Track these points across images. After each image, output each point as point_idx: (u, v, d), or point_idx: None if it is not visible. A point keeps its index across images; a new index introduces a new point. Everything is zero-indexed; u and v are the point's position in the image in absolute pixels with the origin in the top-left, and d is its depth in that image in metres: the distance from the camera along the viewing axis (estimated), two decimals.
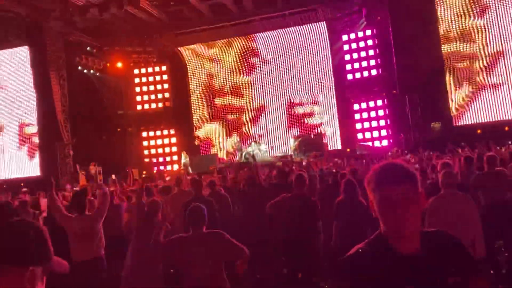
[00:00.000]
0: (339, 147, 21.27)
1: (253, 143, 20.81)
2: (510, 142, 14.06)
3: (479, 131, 17.32)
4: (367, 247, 1.67)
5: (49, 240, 1.39)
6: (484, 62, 18.32)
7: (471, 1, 18.49)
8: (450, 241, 1.71)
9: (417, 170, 5.60)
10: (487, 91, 18.32)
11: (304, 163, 12.11)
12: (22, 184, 17.59)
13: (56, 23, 19.14)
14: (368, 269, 1.59)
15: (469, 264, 1.69)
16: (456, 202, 4.44)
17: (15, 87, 21.48)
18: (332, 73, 21.92)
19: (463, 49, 18.57)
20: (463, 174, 6.26)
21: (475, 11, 18.42)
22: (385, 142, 20.46)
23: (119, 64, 22.98)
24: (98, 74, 22.47)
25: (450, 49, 18.68)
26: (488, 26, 18.30)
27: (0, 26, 19.78)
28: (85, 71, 21.72)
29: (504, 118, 18.06)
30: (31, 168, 20.77)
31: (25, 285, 1.28)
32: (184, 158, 20.12)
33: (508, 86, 18.18)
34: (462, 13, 18.57)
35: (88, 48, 21.66)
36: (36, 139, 20.80)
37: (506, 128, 17.32)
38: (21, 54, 21.27)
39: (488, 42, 18.25)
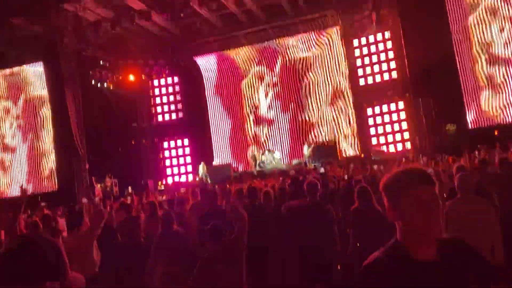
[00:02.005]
0: (353, 153, 21.12)
1: (266, 151, 20.80)
2: None
3: (496, 133, 17.04)
4: (384, 255, 1.65)
5: (65, 257, 1.40)
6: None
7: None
8: (468, 249, 1.70)
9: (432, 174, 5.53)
10: (506, 90, 18.00)
11: (320, 171, 12.08)
12: (40, 198, 17.81)
13: (70, 39, 19.47)
14: (386, 277, 1.57)
15: (488, 272, 1.67)
16: (473, 206, 4.36)
17: (31, 103, 21.81)
18: (346, 78, 21.82)
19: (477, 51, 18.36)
20: (479, 177, 6.16)
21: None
22: (400, 147, 20.29)
23: (132, 77, 23.24)
24: (111, 87, 22.74)
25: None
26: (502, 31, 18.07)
27: (16, 44, 20.16)
28: (99, 85, 21.99)
29: None
30: (48, 182, 21.02)
31: None
32: (202, 169, 20.19)
33: None
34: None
35: (101, 62, 21.96)
36: (52, 154, 21.04)
37: None
38: (37, 71, 21.62)
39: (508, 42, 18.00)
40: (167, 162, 24.49)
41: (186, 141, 24.50)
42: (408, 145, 19.82)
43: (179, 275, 4.81)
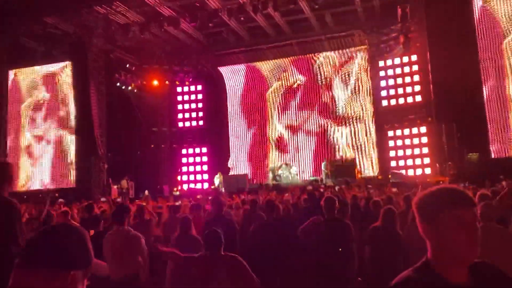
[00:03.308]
0: (372, 173, 20.93)
1: (283, 166, 20.75)
2: None
3: None
4: (415, 274, 1.60)
5: (90, 244, 1.41)
6: None
7: None
8: (499, 273, 1.66)
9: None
10: None
11: (336, 188, 11.96)
12: (57, 194, 18.00)
13: (98, 40, 19.85)
14: None
15: None
16: (495, 236, 4.26)
17: (55, 99, 22.18)
18: (369, 99, 21.73)
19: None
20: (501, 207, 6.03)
21: None
22: (419, 171, 20.04)
23: (155, 82, 23.52)
24: (135, 91, 23.04)
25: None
26: None
27: (46, 41, 20.61)
28: (123, 87, 22.31)
29: None
30: (66, 179, 21.27)
31: None
32: (218, 179, 20.23)
33: None
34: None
35: (127, 65, 22.30)
36: (72, 151, 21.30)
37: None
38: (64, 69, 22.01)
39: None
40: (184, 169, 24.60)
41: (204, 149, 24.60)
42: (428, 170, 19.56)
43: None
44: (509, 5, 17.96)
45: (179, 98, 25.52)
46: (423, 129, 20.28)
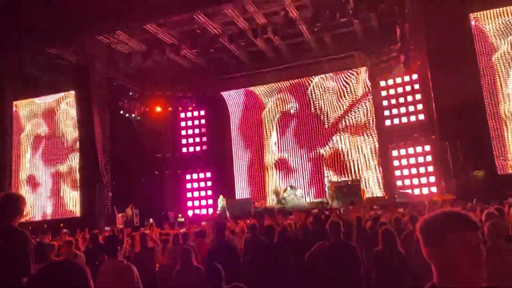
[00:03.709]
0: (377, 194, 20.78)
1: (288, 188, 20.64)
2: None
3: None
4: None
5: (90, 280, 1.41)
6: None
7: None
8: None
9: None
10: None
11: (341, 210, 11.87)
12: (61, 224, 17.95)
13: (102, 68, 20.08)
14: None
15: None
16: (504, 255, 4.18)
17: (59, 130, 22.32)
18: (371, 118, 21.73)
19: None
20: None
21: None
22: (425, 190, 19.89)
23: (158, 109, 23.68)
24: (139, 118, 23.17)
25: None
26: None
27: (50, 71, 20.84)
28: (126, 115, 22.45)
29: None
30: (71, 209, 21.23)
31: None
32: (221, 202, 20.12)
33: None
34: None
35: (130, 93, 22.49)
36: (77, 180, 21.31)
37: None
38: (67, 98, 22.21)
39: None
40: (189, 194, 24.52)
41: (208, 174, 24.56)
42: (434, 189, 19.42)
43: None
44: (496, 23, 18.18)
45: (183, 123, 25.62)
46: (428, 148, 20.21)
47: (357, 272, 5.11)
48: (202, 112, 25.37)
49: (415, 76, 20.93)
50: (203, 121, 25.42)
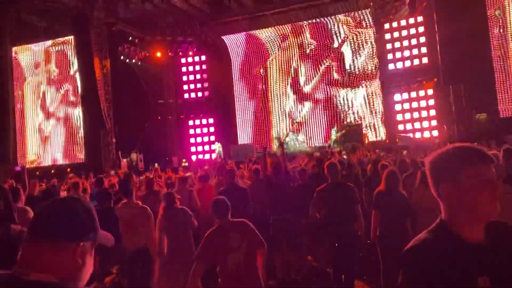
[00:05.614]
0: (379, 138, 20.86)
1: (290, 133, 20.70)
2: None
3: None
4: (431, 235, 1.57)
5: (95, 215, 1.43)
6: None
7: None
8: None
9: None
10: None
11: (343, 154, 11.99)
12: (68, 169, 18.23)
13: (100, 13, 19.62)
14: (436, 259, 1.49)
15: None
16: (503, 196, 4.30)
17: (61, 76, 22.18)
18: (375, 62, 21.43)
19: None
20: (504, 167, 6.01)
21: None
22: (426, 134, 19.93)
23: (159, 54, 23.35)
24: (139, 63, 22.91)
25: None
26: None
27: (47, 17, 20.41)
28: (127, 60, 22.18)
29: None
30: (76, 154, 21.48)
31: (76, 260, 1.32)
32: (218, 148, 20.32)
33: None
34: None
35: (130, 38, 22.10)
36: (81, 127, 21.43)
37: None
38: (66, 44, 21.90)
39: None
40: (192, 140, 24.67)
41: (211, 120, 24.59)
42: (435, 132, 19.45)
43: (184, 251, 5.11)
44: None
45: (184, 69, 25.35)
46: (430, 91, 20.05)
47: (352, 208, 5.34)
48: (204, 57, 25.03)
49: (420, 19, 20.42)
50: (204, 67, 25.13)
